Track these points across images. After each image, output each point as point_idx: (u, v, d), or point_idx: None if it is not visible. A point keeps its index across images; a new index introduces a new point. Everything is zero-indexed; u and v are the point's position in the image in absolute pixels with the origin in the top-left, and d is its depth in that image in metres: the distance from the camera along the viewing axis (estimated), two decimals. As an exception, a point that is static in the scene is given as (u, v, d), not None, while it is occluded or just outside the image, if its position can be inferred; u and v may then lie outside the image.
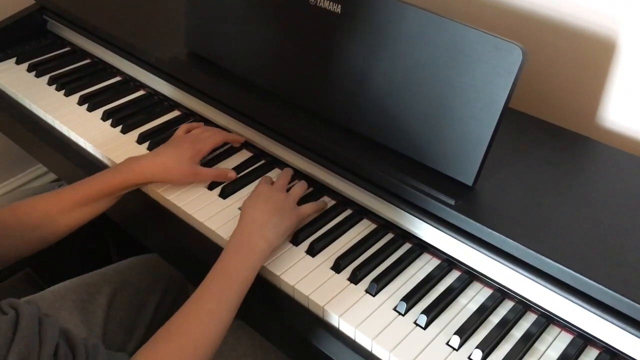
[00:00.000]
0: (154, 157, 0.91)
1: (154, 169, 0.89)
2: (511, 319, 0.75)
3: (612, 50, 0.94)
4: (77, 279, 1.04)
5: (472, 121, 0.78)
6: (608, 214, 0.78)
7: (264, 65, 0.99)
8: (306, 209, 0.86)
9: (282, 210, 0.82)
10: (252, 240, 0.77)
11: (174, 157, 0.90)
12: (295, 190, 0.88)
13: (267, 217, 0.80)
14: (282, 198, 0.84)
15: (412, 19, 0.81)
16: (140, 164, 0.90)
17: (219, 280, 0.73)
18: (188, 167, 0.91)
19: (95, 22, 1.21)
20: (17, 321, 0.58)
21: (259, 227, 0.79)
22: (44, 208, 0.84)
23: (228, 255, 0.76)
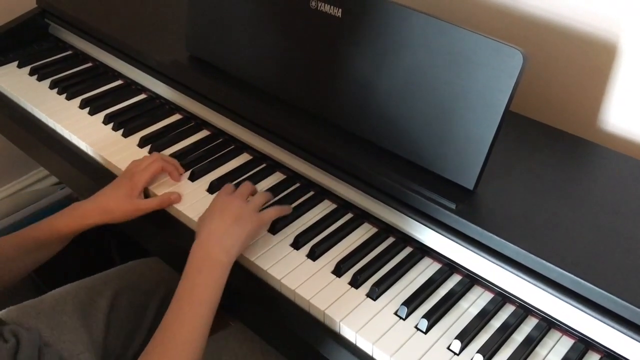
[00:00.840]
0: (96, 201, 0.90)
1: (95, 212, 0.89)
2: (512, 323, 0.75)
3: (614, 54, 0.94)
4: (78, 282, 1.04)
5: (473, 125, 0.78)
6: (609, 218, 0.78)
7: (265, 68, 0.99)
8: (268, 213, 0.84)
9: (240, 218, 0.80)
10: (212, 255, 0.76)
11: (112, 197, 0.89)
12: (255, 198, 0.85)
13: (224, 227, 0.78)
14: (239, 205, 0.81)
15: (413, 23, 0.81)
16: (81, 209, 0.89)
17: (187, 304, 0.73)
18: (128, 204, 0.89)
19: (96, 25, 1.21)
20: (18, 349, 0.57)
21: (217, 240, 0.77)
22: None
23: (192, 275, 0.75)
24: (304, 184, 0.95)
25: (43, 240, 0.88)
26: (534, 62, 0.99)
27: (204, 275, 0.74)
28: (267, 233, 0.87)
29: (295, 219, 0.89)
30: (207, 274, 0.75)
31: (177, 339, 0.70)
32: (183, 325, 0.71)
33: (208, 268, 0.75)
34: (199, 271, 0.75)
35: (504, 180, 0.84)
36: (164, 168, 0.94)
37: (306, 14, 0.91)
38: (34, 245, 0.88)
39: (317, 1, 0.89)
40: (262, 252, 0.83)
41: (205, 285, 0.74)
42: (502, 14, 1.05)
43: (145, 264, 1.11)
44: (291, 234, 0.86)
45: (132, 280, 1.05)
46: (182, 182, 0.96)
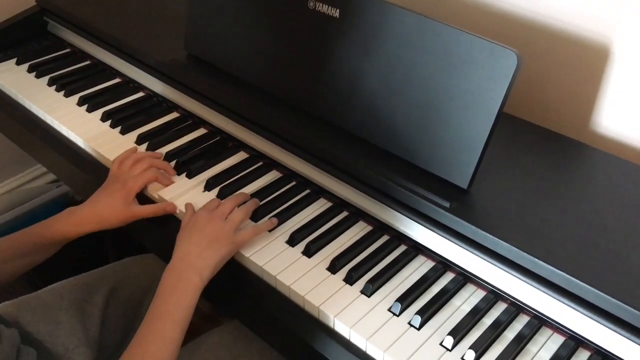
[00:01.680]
0: (92, 207, 0.90)
1: (91, 219, 0.89)
2: (504, 320, 0.76)
3: (606, 57, 0.96)
4: (74, 278, 1.04)
5: (467, 125, 0.79)
6: (600, 217, 0.80)
7: (263, 68, 1.00)
8: (245, 236, 0.83)
9: (216, 240, 0.80)
10: (186, 276, 0.77)
11: (108, 204, 0.90)
12: (234, 216, 0.84)
13: (199, 250, 0.79)
14: (219, 227, 0.81)
15: (409, 24, 0.82)
16: (79, 216, 0.90)
17: (159, 322, 0.74)
18: (124, 212, 0.89)
19: (95, 24, 1.22)
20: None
21: (191, 262, 0.78)
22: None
23: (164, 295, 0.76)
24: (300, 182, 0.96)
25: (38, 244, 0.89)
26: (528, 64, 1.01)
27: (177, 296, 0.76)
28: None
29: (291, 217, 0.90)
30: (179, 295, 0.76)
31: (147, 355, 0.72)
32: (153, 343, 0.73)
33: (181, 289, 0.76)
34: (172, 291, 0.76)
35: (497, 179, 0.85)
36: (157, 179, 0.94)
37: (304, 14, 0.92)
38: (28, 248, 0.88)
39: (315, 1, 0.90)
40: (258, 249, 0.84)
41: (178, 305, 0.75)
42: (497, 16, 1.06)
43: (141, 260, 1.11)
44: (287, 231, 0.87)
45: (128, 277, 1.06)
46: (178, 180, 0.96)
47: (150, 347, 0.72)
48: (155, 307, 0.75)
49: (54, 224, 0.90)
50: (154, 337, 0.73)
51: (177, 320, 0.74)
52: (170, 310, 0.75)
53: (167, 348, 0.73)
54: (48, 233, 0.89)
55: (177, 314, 0.75)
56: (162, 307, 0.75)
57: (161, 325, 0.74)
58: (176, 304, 0.75)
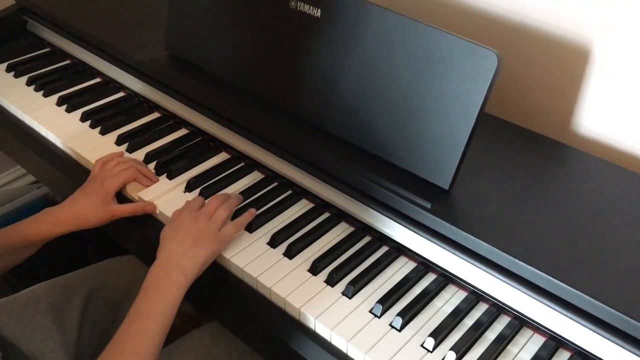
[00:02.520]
0: (70, 207, 0.89)
1: (69, 219, 0.88)
2: (485, 321, 0.76)
3: (587, 58, 0.96)
4: (52, 281, 1.03)
5: (448, 126, 0.79)
6: (581, 218, 0.80)
7: (244, 68, 0.99)
8: (229, 231, 0.83)
9: (201, 238, 0.80)
10: (171, 275, 0.76)
11: (86, 203, 0.89)
12: (218, 214, 0.83)
13: (183, 249, 0.78)
14: (203, 226, 0.81)
15: (389, 24, 0.82)
16: (57, 216, 0.88)
17: (141, 319, 0.73)
18: (102, 211, 0.88)
19: (75, 23, 1.21)
20: None
21: (176, 261, 0.77)
22: None
23: (148, 292, 0.75)
24: (282, 183, 0.95)
25: (15, 244, 0.87)
26: (509, 65, 1.01)
27: (160, 294, 0.75)
28: (244, 231, 0.87)
29: (273, 218, 0.89)
30: (163, 293, 0.75)
31: (127, 352, 0.70)
32: (134, 340, 0.72)
33: (165, 287, 0.75)
34: (156, 289, 0.75)
35: (479, 180, 0.85)
36: (137, 179, 0.93)
37: (285, 13, 0.91)
38: (6, 249, 0.87)
39: (297, 1, 0.90)
40: (239, 250, 0.83)
41: (160, 303, 0.74)
42: (478, 17, 1.06)
43: (120, 262, 1.10)
44: (268, 232, 0.86)
45: (107, 279, 1.05)
46: (159, 181, 0.95)
47: (130, 344, 0.71)
48: (137, 305, 0.74)
49: (31, 225, 0.88)
50: (135, 335, 0.72)
51: (159, 318, 0.73)
52: (153, 307, 0.74)
53: (148, 346, 0.72)
54: (25, 233, 0.88)
55: (159, 312, 0.74)
56: (145, 305, 0.74)
57: (142, 322, 0.73)
58: (159, 302, 0.74)
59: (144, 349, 0.71)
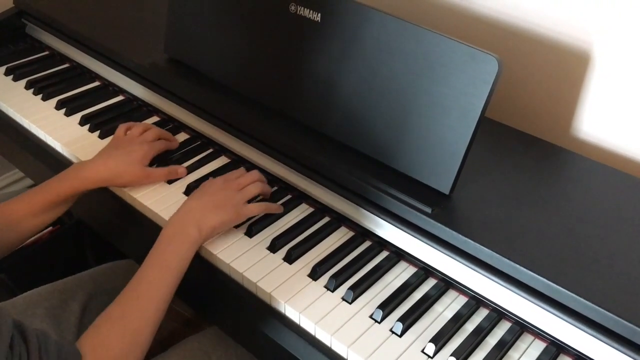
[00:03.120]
0: (105, 162, 0.90)
1: (105, 174, 0.90)
2: (486, 326, 0.75)
3: (587, 62, 0.96)
4: (50, 285, 1.02)
5: (448, 130, 0.79)
6: (581, 223, 0.80)
7: (243, 72, 0.99)
8: (252, 208, 0.86)
9: (223, 206, 0.83)
10: (187, 229, 0.79)
11: (124, 161, 0.91)
12: (248, 189, 0.87)
13: (204, 209, 0.81)
14: (230, 196, 0.84)
15: (390, 29, 0.82)
16: (90, 170, 0.89)
17: (155, 268, 0.76)
18: (139, 170, 0.91)
19: (74, 26, 1.20)
20: None
21: (194, 218, 0.80)
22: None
23: (163, 243, 0.78)
24: (282, 187, 0.95)
25: (49, 201, 0.88)
26: (509, 70, 1.01)
27: (174, 245, 0.78)
28: (244, 236, 0.86)
29: (272, 222, 0.89)
30: (177, 245, 0.78)
31: (142, 294, 0.74)
32: (149, 286, 0.75)
33: (179, 240, 0.78)
34: (170, 241, 0.78)
35: (479, 185, 0.85)
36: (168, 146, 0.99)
37: (285, 17, 0.91)
38: (40, 207, 0.87)
39: (297, 5, 0.90)
40: (239, 255, 0.83)
41: (174, 253, 0.77)
42: (479, 21, 1.06)
43: (119, 266, 1.10)
44: (268, 237, 0.86)
45: (105, 283, 1.04)
46: (159, 185, 0.95)
47: (144, 291, 0.74)
48: (152, 255, 0.77)
49: (64, 179, 0.89)
50: (149, 282, 0.75)
51: (172, 268, 0.76)
52: (167, 258, 0.77)
53: (161, 292, 0.75)
54: (58, 190, 0.88)
55: (173, 261, 0.77)
56: (160, 256, 0.77)
57: (157, 271, 0.76)
58: (173, 252, 0.77)
59: (157, 296, 0.74)
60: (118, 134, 0.97)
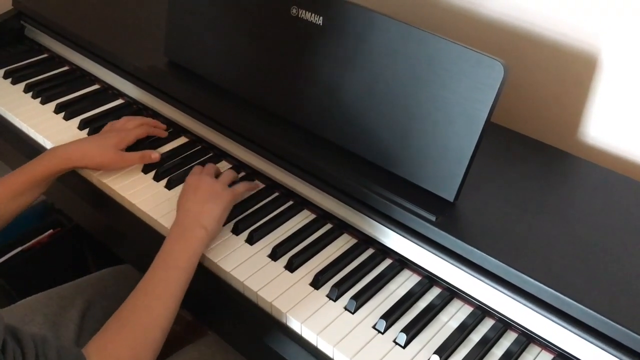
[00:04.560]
0: (80, 143, 0.94)
1: (78, 153, 0.92)
2: (492, 337, 0.74)
3: (594, 67, 0.94)
4: (49, 291, 1.01)
5: (453, 136, 0.78)
6: (589, 231, 0.78)
7: (244, 75, 0.98)
8: (239, 187, 0.89)
9: (213, 194, 0.84)
10: (190, 231, 0.79)
11: (99, 144, 0.94)
12: (224, 175, 0.91)
13: (199, 206, 0.82)
14: (210, 182, 0.86)
15: (393, 33, 0.80)
16: (63, 150, 0.92)
17: (162, 268, 0.76)
18: (113, 153, 0.94)
19: (73, 29, 1.19)
20: None
21: (194, 218, 0.81)
22: None
23: (169, 245, 0.78)
24: (283, 193, 0.94)
25: (25, 185, 0.89)
26: (515, 74, 1.00)
27: (181, 245, 0.78)
28: (245, 243, 0.85)
29: (274, 229, 0.87)
30: (184, 244, 0.78)
31: (151, 296, 0.73)
32: (157, 286, 0.74)
33: (185, 240, 0.79)
34: (177, 241, 0.78)
35: (484, 192, 0.83)
36: (151, 132, 1.01)
37: (286, 21, 0.90)
38: (18, 190, 0.88)
39: (298, 8, 0.88)
40: (240, 263, 0.82)
41: (182, 253, 0.77)
42: (484, 25, 1.04)
43: (117, 272, 1.09)
44: (269, 244, 0.85)
45: (104, 289, 1.03)
46: (158, 190, 0.94)
47: (153, 292, 0.74)
48: (160, 256, 0.77)
49: (39, 161, 0.90)
50: (157, 283, 0.75)
51: (179, 267, 0.76)
52: (176, 258, 0.77)
53: (169, 293, 0.74)
54: (33, 172, 0.89)
55: (180, 262, 0.76)
56: (168, 256, 0.77)
57: (164, 272, 0.75)
58: (180, 253, 0.77)
59: (166, 296, 0.74)
60: (104, 129, 1.01)
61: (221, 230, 0.85)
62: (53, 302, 0.98)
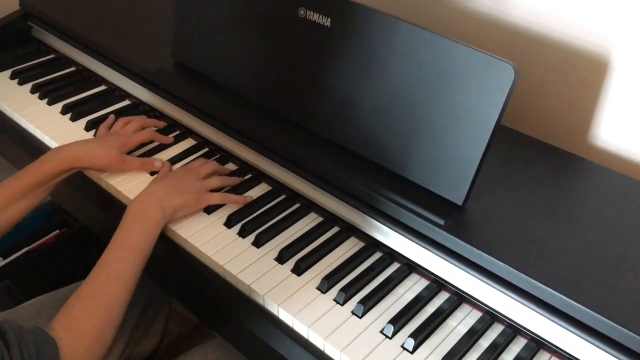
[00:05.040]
0: (82, 144, 0.94)
1: (80, 154, 0.92)
2: (501, 343, 0.73)
3: (605, 69, 0.93)
4: (55, 292, 1.01)
5: (462, 139, 0.77)
6: (600, 236, 0.77)
7: (251, 77, 0.97)
8: (213, 197, 0.89)
9: (185, 190, 0.86)
10: (150, 210, 0.82)
11: (101, 145, 0.94)
12: (211, 180, 0.91)
13: (165, 191, 0.85)
14: (190, 180, 0.88)
15: (402, 35, 0.79)
16: (66, 150, 0.92)
17: (122, 247, 0.79)
18: (115, 155, 0.94)
19: (80, 29, 1.19)
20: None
21: (156, 199, 0.83)
22: None
23: (128, 223, 0.81)
24: (290, 195, 0.93)
25: (30, 186, 0.89)
26: (526, 76, 0.98)
27: (139, 225, 0.81)
28: (252, 246, 0.84)
29: (280, 232, 0.87)
30: (142, 225, 0.81)
31: (111, 273, 0.76)
32: (116, 266, 0.77)
33: (144, 219, 0.81)
34: (136, 220, 0.81)
35: (493, 195, 0.82)
36: (155, 137, 1.02)
37: (294, 22, 0.89)
38: (22, 193, 0.88)
39: (306, 10, 0.87)
40: (246, 267, 0.81)
41: (141, 234, 0.80)
42: (494, 26, 1.03)
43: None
44: (276, 247, 0.84)
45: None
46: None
47: (113, 270, 0.76)
48: (119, 235, 0.79)
49: (41, 162, 0.90)
50: (116, 261, 0.77)
51: (138, 247, 0.79)
52: (133, 237, 0.80)
53: (128, 271, 0.77)
54: (38, 172, 0.89)
55: (138, 243, 0.79)
56: (126, 235, 0.80)
57: (123, 251, 0.78)
58: (138, 234, 0.80)
59: (125, 274, 0.77)
60: (99, 133, 1.02)
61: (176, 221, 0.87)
62: (58, 303, 0.97)
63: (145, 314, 1.05)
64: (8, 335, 0.63)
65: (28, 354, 0.64)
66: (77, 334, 0.70)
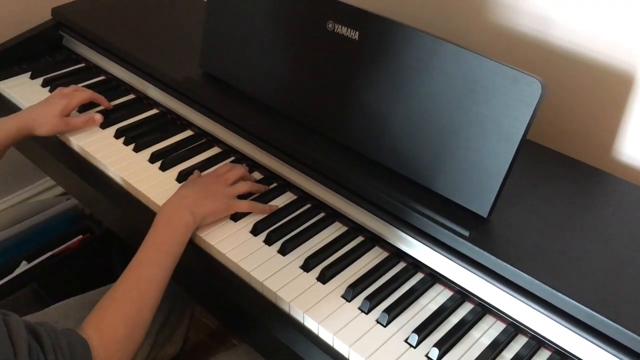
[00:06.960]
0: (28, 113, 1.02)
1: (28, 123, 1.01)
2: (525, 355, 0.74)
3: (630, 84, 0.94)
4: (81, 296, 1.03)
5: (489, 153, 0.78)
6: (624, 249, 0.77)
7: (278, 88, 0.99)
8: (242, 204, 0.90)
9: (214, 196, 0.88)
10: (180, 214, 0.84)
11: (45, 112, 1.03)
12: (239, 185, 0.92)
13: (196, 197, 0.86)
14: (220, 188, 0.89)
15: (430, 49, 0.81)
16: (12, 120, 1.00)
17: (153, 251, 0.80)
18: (58, 120, 1.03)
19: (110, 39, 1.22)
20: None
21: (187, 204, 0.85)
22: None
23: (159, 227, 0.83)
24: (315, 205, 0.94)
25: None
26: (551, 91, 0.99)
27: (171, 230, 0.82)
28: (277, 254, 0.86)
29: (306, 241, 0.88)
30: (174, 229, 0.83)
31: (142, 277, 0.78)
32: (148, 269, 0.79)
33: (175, 224, 0.83)
34: (167, 225, 0.83)
35: (518, 208, 0.83)
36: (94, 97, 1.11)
37: (322, 35, 0.91)
38: None
39: (334, 23, 0.89)
40: (272, 274, 0.82)
41: (172, 238, 0.82)
42: (520, 41, 1.05)
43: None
44: (301, 255, 0.85)
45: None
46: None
47: (144, 273, 0.78)
48: (150, 238, 0.81)
49: None
50: (148, 265, 0.79)
51: (170, 251, 0.81)
52: (165, 242, 0.81)
53: (159, 275, 0.79)
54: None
55: (169, 247, 0.81)
56: (157, 239, 0.81)
57: (156, 254, 0.80)
58: (169, 239, 0.82)
59: (156, 278, 0.78)
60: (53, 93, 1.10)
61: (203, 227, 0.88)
62: (85, 307, 0.99)
63: (169, 319, 1.06)
64: (43, 338, 0.65)
65: (62, 354, 0.65)
66: (108, 335, 0.72)
